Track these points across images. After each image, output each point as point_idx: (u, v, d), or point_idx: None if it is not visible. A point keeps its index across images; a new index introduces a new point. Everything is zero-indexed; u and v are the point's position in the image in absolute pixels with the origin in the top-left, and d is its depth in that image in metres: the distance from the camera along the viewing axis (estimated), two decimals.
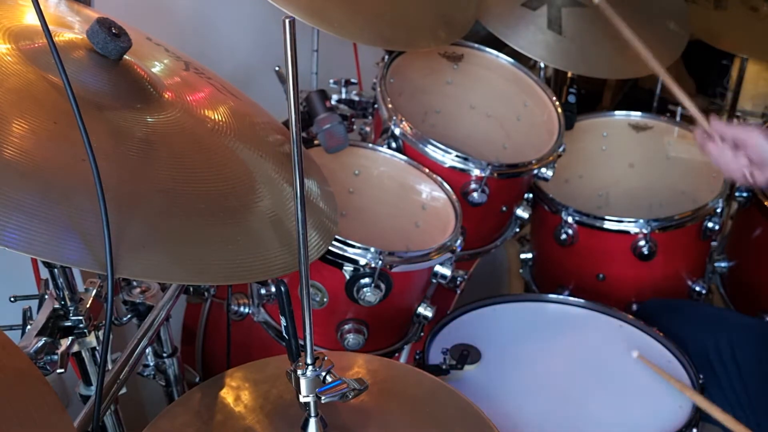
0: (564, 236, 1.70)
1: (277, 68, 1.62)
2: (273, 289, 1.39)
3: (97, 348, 0.99)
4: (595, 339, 1.43)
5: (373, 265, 1.27)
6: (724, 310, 1.90)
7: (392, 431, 0.93)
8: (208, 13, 1.89)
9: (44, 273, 0.95)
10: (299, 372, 0.83)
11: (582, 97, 1.86)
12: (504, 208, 1.63)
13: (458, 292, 1.67)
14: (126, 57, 0.94)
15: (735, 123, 1.39)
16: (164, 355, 1.20)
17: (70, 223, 0.76)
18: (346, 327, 1.36)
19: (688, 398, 1.28)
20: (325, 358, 0.85)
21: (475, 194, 1.50)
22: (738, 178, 1.39)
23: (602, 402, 1.29)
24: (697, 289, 1.80)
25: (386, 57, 1.66)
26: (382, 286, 1.29)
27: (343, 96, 1.72)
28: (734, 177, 1.39)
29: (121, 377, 1.01)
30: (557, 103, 1.71)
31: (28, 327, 0.93)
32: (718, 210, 1.69)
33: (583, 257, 1.75)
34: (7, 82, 0.83)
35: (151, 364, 1.20)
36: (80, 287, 0.98)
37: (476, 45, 1.78)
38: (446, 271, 1.38)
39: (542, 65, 1.93)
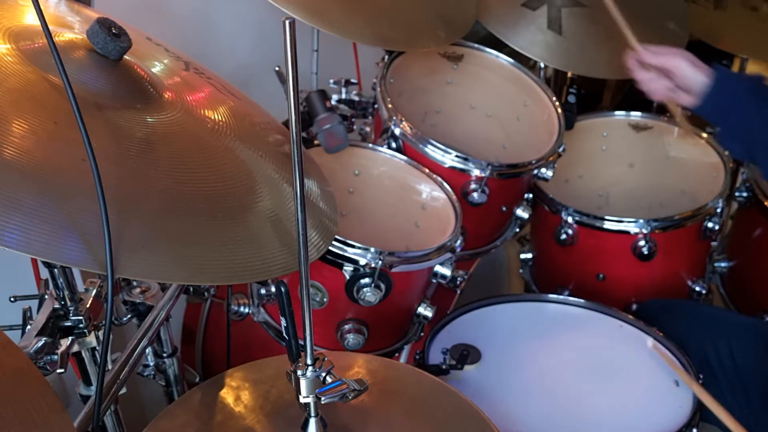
0: (564, 236, 1.70)
1: (277, 68, 1.62)
2: (273, 289, 1.39)
3: (97, 348, 0.99)
4: (595, 339, 1.43)
5: (373, 265, 1.27)
6: (723, 310, 1.90)
7: (392, 431, 0.93)
8: (208, 13, 1.90)
9: (44, 273, 0.95)
10: (299, 372, 0.83)
11: (582, 97, 1.86)
12: (504, 208, 1.63)
13: (458, 292, 1.67)
14: (126, 57, 0.94)
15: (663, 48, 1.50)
16: (164, 355, 1.20)
17: (70, 223, 0.76)
18: (346, 327, 1.36)
19: (688, 398, 1.29)
20: (325, 358, 0.85)
21: (475, 194, 1.50)
22: (663, 99, 1.49)
23: (602, 402, 1.29)
24: (697, 289, 1.80)
25: (386, 57, 1.66)
26: (382, 286, 1.29)
27: (343, 96, 1.72)
28: (659, 98, 1.50)
29: (121, 377, 1.02)
30: (557, 103, 1.71)
31: (28, 327, 0.93)
32: (718, 210, 1.69)
33: (583, 257, 1.75)
34: (7, 82, 0.83)
35: (151, 364, 1.20)
36: (80, 287, 0.98)
37: (476, 45, 1.78)
38: (446, 271, 1.38)
39: (542, 65, 1.93)
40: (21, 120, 0.80)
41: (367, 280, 1.28)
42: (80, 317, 0.96)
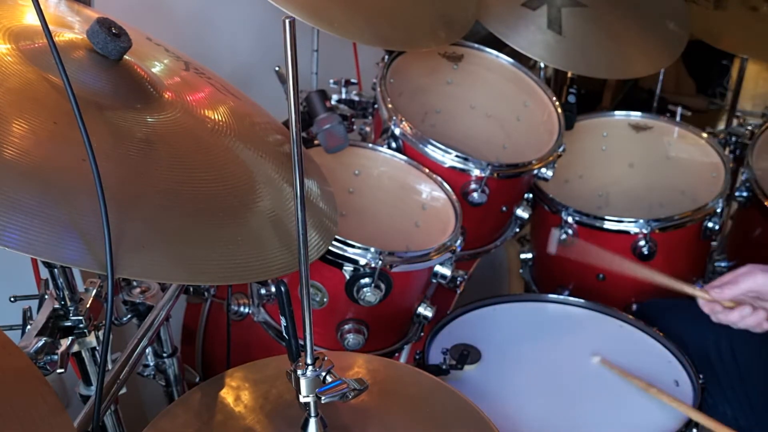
0: (564, 236, 1.70)
1: (277, 68, 1.62)
2: (273, 289, 1.39)
3: (97, 348, 0.99)
4: (595, 339, 1.43)
5: (373, 265, 1.27)
6: None
7: (392, 431, 0.93)
8: (208, 13, 1.89)
9: (44, 273, 0.95)
10: (299, 372, 0.83)
11: (582, 97, 1.86)
12: (504, 208, 1.63)
13: (458, 292, 1.67)
14: (126, 57, 0.94)
15: (726, 285, 1.24)
16: (164, 355, 1.20)
17: (70, 223, 0.76)
18: (346, 327, 1.36)
19: (689, 398, 1.29)
20: (325, 358, 0.85)
21: (475, 194, 1.50)
22: (759, 330, 1.27)
23: (602, 402, 1.29)
24: None
25: (386, 57, 1.66)
26: (382, 286, 1.29)
27: (343, 96, 1.72)
28: (756, 330, 1.27)
29: (121, 377, 1.02)
30: (557, 103, 1.71)
31: (28, 327, 0.93)
32: (718, 210, 1.69)
33: None
34: (7, 82, 0.83)
35: (151, 364, 1.20)
36: (80, 287, 0.98)
37: (476, 45, 1.78)
38: (446, 271, 1.38)
39: (542, 65, 1.93)
40: (21, 120, 0.80)
41: (367, 280, 1.28)
42: (80, 317, 0.96)
